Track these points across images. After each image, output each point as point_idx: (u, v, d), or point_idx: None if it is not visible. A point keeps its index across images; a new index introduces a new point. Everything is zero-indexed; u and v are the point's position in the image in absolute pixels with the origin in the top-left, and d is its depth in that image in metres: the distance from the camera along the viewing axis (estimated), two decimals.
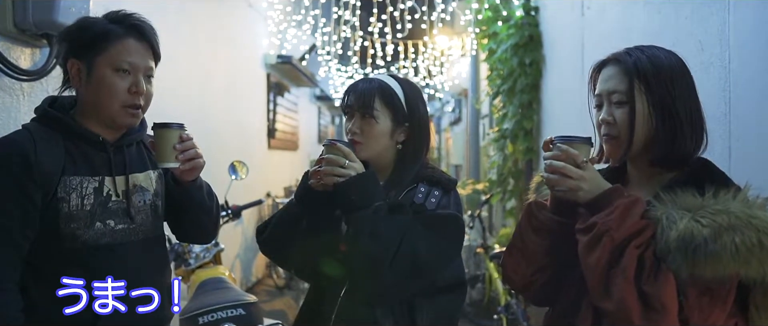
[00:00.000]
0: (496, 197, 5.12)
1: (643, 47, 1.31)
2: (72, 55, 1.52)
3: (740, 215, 1.10)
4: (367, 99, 1.54)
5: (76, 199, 1.47)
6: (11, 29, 2.20)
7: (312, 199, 1.51)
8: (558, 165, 1.22)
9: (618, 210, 1.16)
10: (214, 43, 4.98)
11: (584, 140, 1.25)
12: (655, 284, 1.12)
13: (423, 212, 1.47)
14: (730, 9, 1.93)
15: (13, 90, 2.30)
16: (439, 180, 1.54)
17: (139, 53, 1.51)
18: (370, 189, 1.44)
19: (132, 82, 1.49)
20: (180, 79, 4.10)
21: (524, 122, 4.61)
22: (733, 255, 1.08)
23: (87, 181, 1.49)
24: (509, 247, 1.41)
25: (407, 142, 1.58)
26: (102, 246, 1.50)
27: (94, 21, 1.54)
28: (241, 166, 3.65)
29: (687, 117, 1.25)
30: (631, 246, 1.14)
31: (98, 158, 1.53)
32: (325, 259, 1.51)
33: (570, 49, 3.82)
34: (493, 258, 4.45)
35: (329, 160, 1.45)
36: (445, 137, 14.87)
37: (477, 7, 5.25)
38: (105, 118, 1.52)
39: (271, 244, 1.63)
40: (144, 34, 1.52)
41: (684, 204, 1.16)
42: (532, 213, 1.34)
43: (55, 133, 1.50)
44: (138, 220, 1.57)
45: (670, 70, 1.26)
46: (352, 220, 1.43)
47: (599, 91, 1.32)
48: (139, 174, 1.60)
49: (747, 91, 1.86)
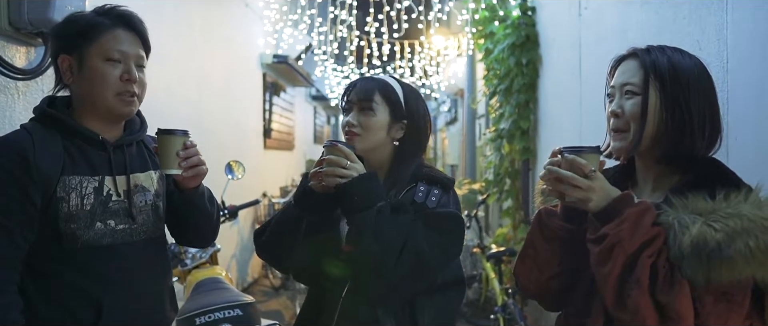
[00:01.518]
0: (493, 197, 5.12)
1: (665, 47, 1.30)
2: (62, 50, 1.52)
3: (753, 218, 1.09)
4: (367, 93, 1.56)
5: (76, 199, 1.46)
6: (6, 28, 2.19)
7: (311, 202, 1.51)
8: (566, 175, 1.20)
9: (629, 220, 1.14)
10: (211, 42, 4.97)
11: (593, 149, 1.24)
12: (670, 293, 1.11)
13: (424, 211, 1.47)
14: (728, 9, 1.93)
15: (9, 89, 2.28)
16: (438, 179, 1.54)
17: (129, 42, 1.51)
18: (373, 189, 1.43)
19: (123, 70, 1.50)
20: (176, 79, 4.09)
21: (521, 122, 4.61)
22: (748, 259, 1.07)
23: (87, 181, 1.49)
24: (521, 256, 1.40)
25: (405, 140, 1.59)
26: (103, 246, 1.49)
27: (82, 15, 1.56)
28: (238, 166, 3.64)
29: (699, 118, 1.24)
30: (644, 255, 1.13)
31: (98, 157, 1.52)
32: (326, 261, 1.50)
33: (567, 49, 3.82)
34: (490, 259, 4.45)
35: (330, 160, 1.44)
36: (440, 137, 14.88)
37: (474, 7, 5.25)
38: (101, 109, 1.52)
39: (270, 247, 1.62)
40: (132, 23, 1.53)
41: (695, 209, 1.15)
42: (543, 222, 1.33)
43: (54, 133, 1.49)
44: (139, 220, 1.56)
45: (688, 71, 1.25)
46: (354, 221, 1.42)
47: (613, 84, 1.32)
48: (141, 174, 1.59)
49: (745, 90, 1.86)
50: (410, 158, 1.59)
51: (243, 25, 6.14)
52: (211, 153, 5.30)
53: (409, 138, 1.59)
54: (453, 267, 1.57)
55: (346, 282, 1.49)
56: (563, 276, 1.33)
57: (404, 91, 1.60)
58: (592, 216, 1.20)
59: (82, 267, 1.47)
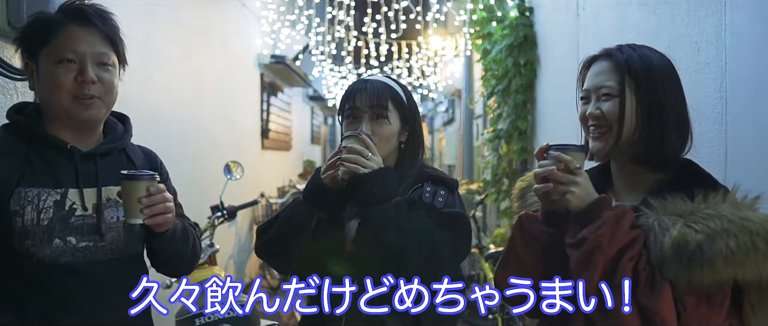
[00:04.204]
0: (491, 197, 5.13)
1: (634, 45, 1.31)
2: (26, 56, 1.43)
3: (732, 218, 1.10)
4: (381, 100, 1.52)
5: (31, 213, 1.33)
6: (5, 28, 2.18)
7: (321, 198, 1.49)
8: (549, 169, 1.20)
9: (607, 223, 1.15)
10: (208, 42, 4.96)
11: (578, 147, 1.25)
12: (652, 296, 1.11)
13: (433, 211, 1.47)
14: (726, 10, 1.94)
15: (7, 90, 2.27)
16: (442, 179, 1.55)
17: (84, 40, 1.38)
18: (391, 184, 1.43)
19: (77, 71, 1.37)
20: (173, 79, 4.08)
21: (519, 122, 4.62)
22: (729, 259, 1.08)
23: (46, 193, 1.36)
24: (502, 263, 1.39)
25: (408, 142, 1.60)
26: (61, 265, 1.35)
27: (40, 16, 1.43)
28: (236, 166, 3.64)
29: (675, 118, 1.25)
30: (625, 259, 1.13)
31: (64, 168, 1.40)
32: (333, 260, 1.49)
33: (565, 50, 3.83)
34: (488, 259, 4.46)
35: (354, 149, 1.43)
36: (437, 137, 14.88)
37: (471, 7, 5.25)
38: (61, 114, 1.40)
39: (274, 245, 1.57)
40: (88, 18, 1.39)
41: (675, 210, 1.15)
42: (524, 227, 1.33)
43: (18, 141, 1.38)
44: (108, 238, 1.42)
45: (660, 70, 1.26)
46: (373, 213, 1.40)
47: (588, 87, 1.32)
48: (115, 187, 1.43)
49: (743, 91, 1.87)
50: (414, 158, 1.59)
51: (240, 25, 6.13)
52: (209, 153, 5.28)
53: (411, 139, 1.60)
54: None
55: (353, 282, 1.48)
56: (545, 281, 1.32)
57: (405, 93, 1.60)
58: (574, 218, 1.20)
59: (39, 286, 1.34)
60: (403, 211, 1.41)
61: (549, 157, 1.23)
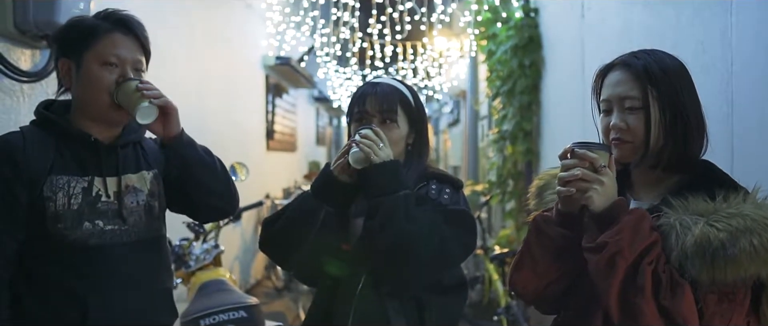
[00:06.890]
0: (496, 198, 5.12)
1: (647, 51, 1.30)
2: (62, 54, 1.54)
3: (755, 217, 1.11)
4: (391, 104, 1.55)
5: (63, 198, 1.46)
6: (12, 30, 2.20)
7: (331, 191, 1.52)
8: (574, 169, 1.19)
9: (627, 228, 1.14)
10: (213, 44, 4.98)
11: (603, 146, 1.23)
12: (674, 298, 1.11)
13: (439, 207, 1.49)
14: (732, 10, 1.94)
15: (14, 91, 2.29)
16: (448, 178, 1.58)
17: (126, 46, 1.52)
18: (401, 176, 1.47)
19: (120, 74, 1.50)
20: (178, 80, 4.09)
21: (524, 123, 4.62)
22: (752, 257, 1.08)
23: (75, 181, 1.49)
24: (517, 263, 1.38)
25: (414, 143, 1.62)
26: (91, 246, 1.48)
27: (82, 19, 1.57)
28: (241, 168, 3.64)
29: (694, 119, 1.25)
30: (644, 263, 1.13)
31: (89, 159, 1.52)
32: (340, 255, 1.51)
33: (570, 51, 3.82)
34: (493, 260, 4.45)
35: (370, 137, 1.46)
36: (442, 138, 14.87)
37: (476, 8, 5.25)
38: (96, 113, 1.52)
39: (281, 237, 1.57)
40: (130, 27, 1.53)
41: (696, 210, 1.15)
42: (541, 229, 1.31)
43: (48, 135, 1.50)
44: (130, 222, 1.55)
45: (676, 74, 1.26)
46: (382, 203, 1.43)
47: (607, 96, 1.30)
48: (133, 175, 1.57)
49: (749, 91, 1.87)
50: (420, 157, 1.62)
51: (245, 26, 6.15)
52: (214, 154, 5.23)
53: (418, 140, 1.62)
54: (456, 268, 1.59)
55: (360, 277, 1.49)
56: (561, 281, 1.32)
57: (413, 96, 1.61)
58: (591, 220, 1.20)
59: (69, 266, 1.47)
60: (412, 202, 1.44)
61: (574, 155, 1.21)
